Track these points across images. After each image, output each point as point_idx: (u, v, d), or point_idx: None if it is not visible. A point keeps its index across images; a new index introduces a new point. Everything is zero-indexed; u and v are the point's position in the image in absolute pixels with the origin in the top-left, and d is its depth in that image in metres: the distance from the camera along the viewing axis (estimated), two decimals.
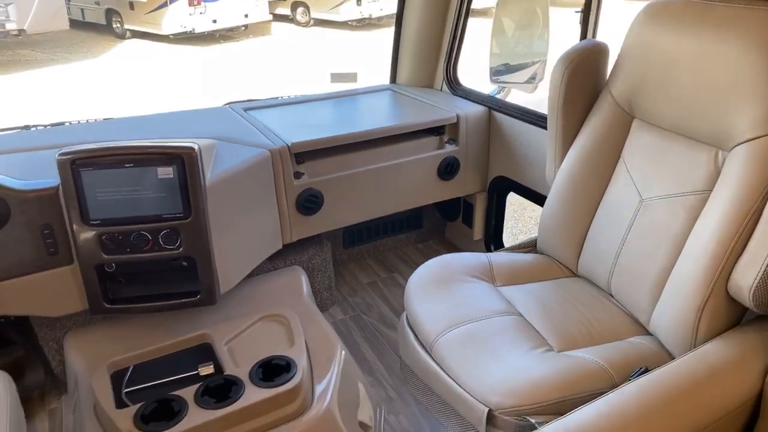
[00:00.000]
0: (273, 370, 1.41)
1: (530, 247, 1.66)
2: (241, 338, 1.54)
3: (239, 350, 1.50)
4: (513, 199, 2.39)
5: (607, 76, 1.49)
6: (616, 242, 1.37)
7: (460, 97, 2.26)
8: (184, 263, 1.55)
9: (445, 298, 1.39)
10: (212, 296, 1.58)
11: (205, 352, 1.50)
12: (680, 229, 1.23)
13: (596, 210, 1.46)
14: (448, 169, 2.09)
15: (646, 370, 1.08)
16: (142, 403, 1.30)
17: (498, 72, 2.20)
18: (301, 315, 1.71)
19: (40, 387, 1.69)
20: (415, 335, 1.37)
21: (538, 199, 2.02)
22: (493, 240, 2.32)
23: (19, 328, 1.69)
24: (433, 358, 1.27)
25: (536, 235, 1.66)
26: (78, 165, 1.40)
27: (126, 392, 1.38)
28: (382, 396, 1.71)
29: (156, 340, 1.51)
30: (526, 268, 1.52)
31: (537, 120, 1.95)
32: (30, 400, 1.69)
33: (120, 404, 1.33)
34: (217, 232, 1.55)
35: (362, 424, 1.52)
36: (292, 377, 1.38)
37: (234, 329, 1.56)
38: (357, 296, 2.20)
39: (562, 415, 0.97)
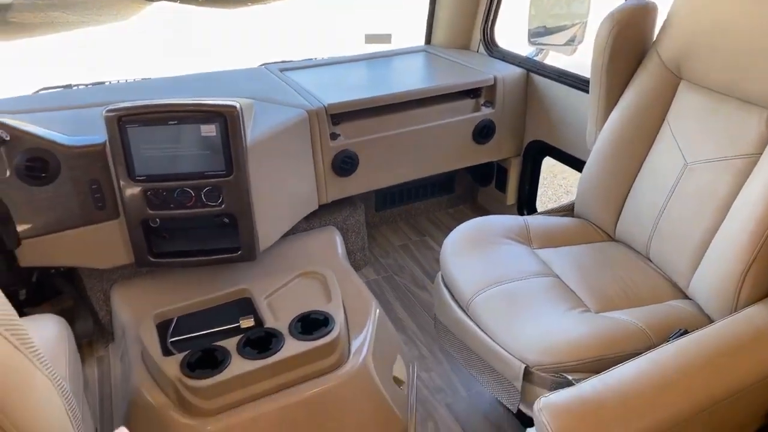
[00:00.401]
0: (311, 324, 1.45)
1: (567, 210, 1.65)
2: (280, 294, 1.59)
3: (278, 305, 1.54)
4: (544, 167, 2.36)
5: (655, 37, 1.44)
6: (657, 206, 1.36)
7: (498, 59, 2.22)
8: (226, 220, 1.59)
9: (482, 259, 1.40)
10: (252, 252, 1.63)
11: (246, 306, 1.55)
12: (725, 193, 1.21)
13: (637, 173, 1.44)
14: (483, 132, 2.08)
15: (685, 332, 1.08)
16: (187, 351, 1.36)
17: (536, 34, 2.15)
18: (337, 273, 1.75)
19: (89, 336, 1.77)
20: (451, 294, 1.39)
21: (576, 163, 1.99)
22: (526, 205, 2.31)
23: (68, 279, 1.76)
24: (469, 317, 1.30)
25: (573, 199, 1.65)
26: (124, 121, 1.43)
27: (171, 342, 1.44)
28: (415, 353, 1.75)
29: (198, 294, 1.57)
30: (563, 232, 1.52)
31: (577, 83, 1.91)
32: (79, 348, 1.77)
33: (166, 352, 1.40)
34: (257, 191, 1.58)
35: (396, 379, 1.56)
36: (330, 331, 1.42)
37: (273, 285, 1.60)
38: (389, 258, 2.23)
39: (600, 373, 0.99)
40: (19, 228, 1.46)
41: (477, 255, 1.42)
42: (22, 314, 1.80)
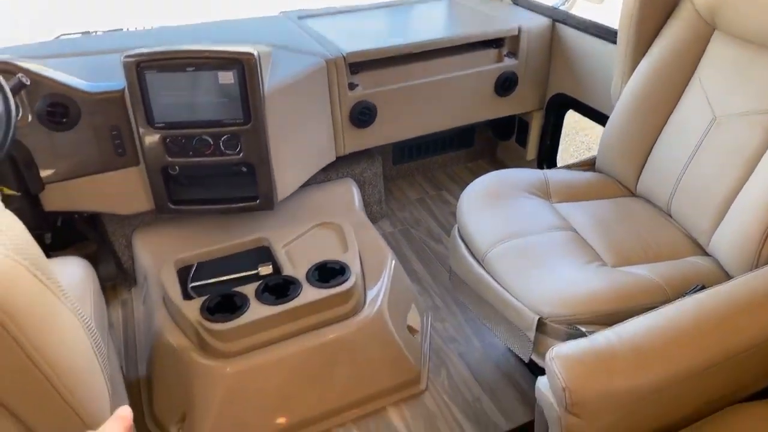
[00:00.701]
0: (328, 272, 1.47)
1: (588, 165, 1.62)
2: (298, 243, 1.61)
3: (296, 254, 1.56)
4: (565, 122, 2.30)
5: None
6: (682, 160, 1.33)
7: (523, 7, 2.15)
8: (244, 169, 1.59)
9: (499, 212, 1.40)
10: (270, 202, 1.64)
11: (264, 254, 1.57)
12: (753, 148, 1.18)
13: (663, 127, 1.40)
14: (505, 84, 2.03)
15: (703, 288, 1.08)
16: (207, 296, 1.40)
17: None
18: (353, 225, 1.75)
19: (112, 279, 1.82)
20: (467, 247, 1.39)
21: (599, 118, 1.94)
22: (546, 161, 2.28)
23: (92, 224, 1.80)
24: (485, 269, 1.30)
25: (595, 153, 1.62)
26: (142, 67, 1.42)
27: (191, 286, 1.48)
28: (429, 304, 1.77)
29: (218, 242, 1.59)
30: (584, 186, 1.50)
31: (604, 34, 1.84)
32: (103, 291, 1.83)
33: (186, 297, 1.43)
34: (274, 140, 1.58)
35: (410, 328, 1.59)
36: (347, 280, 1.44)
37: (291, 234, 1.62)
38: (405, 211, 2.23)
39: (614, 326, 0.99)
40: (43, 173, 1.49)
41: (494, 208, 1.42)
42: (48, 257, 1.86)
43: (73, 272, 1.20)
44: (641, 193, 1.47)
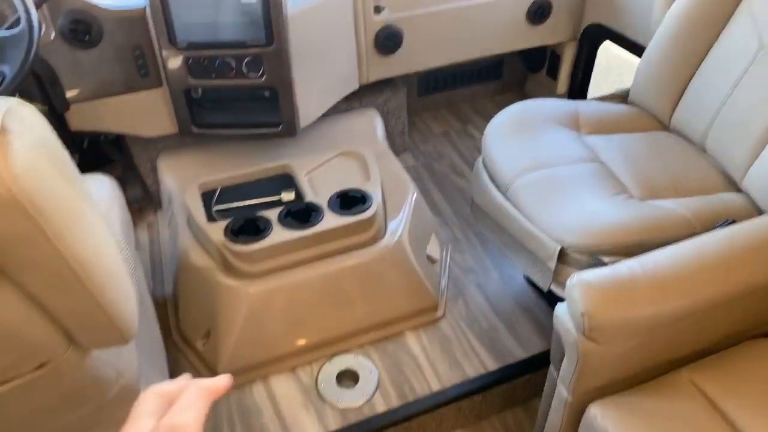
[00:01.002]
0: (350, 201, 1.47)
1: (621, 98, 1.56)
2: (320, 171, 1.60)
3: (318, 181, 1.56)
4: (598, 60, 2.20)
5: None
6: (722, 93, 1.26)
7: None
8: (267, 93, 1.57)
9: (526, 143, 1.37)
10: (293, 128, 1.62)
11: (287, 181, 1.57)
12: None
13: (704, 57, 1.33)
14: (538, 12, 1.93)
15: (733, 222, 1.05)
16: (231, 219, 1.41)
17: None
18: (376, 155, 1.74)
19: (138, 202, 1.86)
20: (491, 177, 1.37)
21: (637, 50, 1.85)
22: (577, 95, 2.20)
23: (117, 147, 1.81)
24: (508, 199, 1.29)
25: (629, 86, 1.55)
26: None
27: (215, 210, 1.50)
28: (449, 236, 1.77)
29: (241, 168, 1.60)
30: (615, 119, 1.45)
31: None
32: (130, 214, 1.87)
33: (210, 219, 1.46)
34: (297, 65, 1.55)
35: (430, 258, 1.60)
36: (368, 208, 1.44)
37: (313, 162, 1.61)
38: (429, 144, 2.20)
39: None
40: (68, 93, 1.49)
41: (521, 138, 1.38)
42: None
43: (99, 189, 1.22)
44: (675, 127, 1.42)
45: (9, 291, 0.56)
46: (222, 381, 0.38)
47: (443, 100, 2.38)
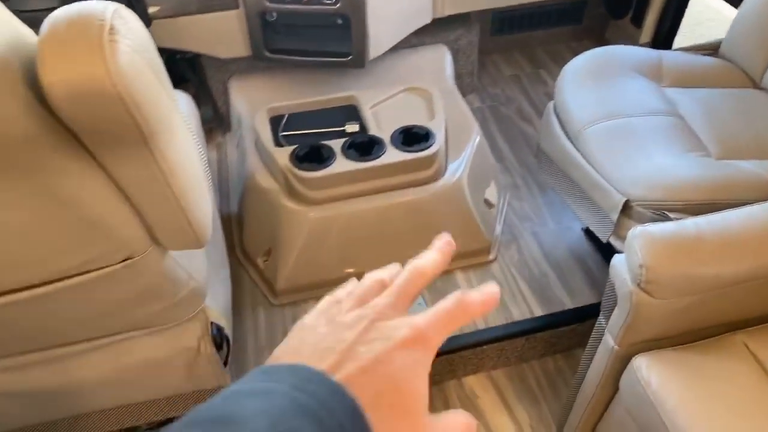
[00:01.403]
0: (413, 137, 1.48)
1: (712, 50, 1.46)
2: (385, 105, 1.60)
3: (383, 115, 1.57)
4: (688, 10, 2.03)
5: None
6: None
7: None
8: (339, 21, 1.56)
9: (602, 90, 1.31)
10: (362, 59, 1.62)
11: (352, 112, 1.59)
12: None
13: None
14: None
15: None
16: (296, 145, 1.45)
17: None
18: (443, 93, 1.72)
19: (208, 122, 1.92)
20: (561, 124, 1.34)
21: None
22: (662, 47, 2.07)
23: (192, 67, 1.86)
24: (576, 147, 1.26)
25: (721, 37, 1.45)
26: None
27: (282, 135, 1.54)
28: (509, 182, 1.76)
29: (309, 96, 1.62)
30: (701, 72, 1.37)
31: None
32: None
33: (278, 144, 1.50)
34: None
35: (487, 201, 1.61)
36: (430, 146, 1.44)
37: (379, 96, 1.61)
38: (497, 87, 2.14)
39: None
40: (150, 9, 1.53)
41: (597, 85, 1.33)
42: None
43: (180, 104, 1.28)
44: (767, 85, 1.33)
45: (105, 185, 0.62)
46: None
47: (517, 42, 2.29)
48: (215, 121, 1.94)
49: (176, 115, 0.63)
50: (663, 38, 2.05)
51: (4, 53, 0.47)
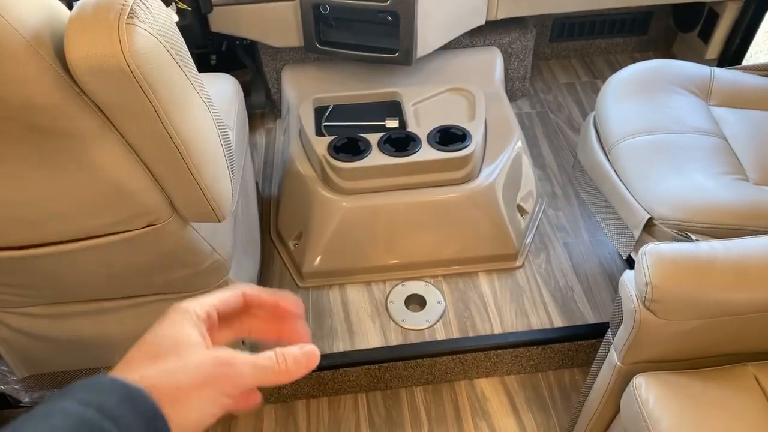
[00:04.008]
0: (450, 137, 1.50)
1: None
2: (427, 103, 1.63)
3: (423, 113, 1.59)
4: (762, 27, 1.91)
5: None
6: None
7: None
8: (389, 18, 1.60)
9: (644, 104, 1.28)
10: (409, 57, 1.65)
11: (394, 108, 1.62)
12: None
13: None
14: None
15: None
16: (336, 136, 1.50)
17: None
18: (488, 97, 1.72)
19: (262, 107, 2.01)
20: (598, 135, 1.32)
21: None
22: (729, 65, 1.97)
23: (250, 54, 1.96)
24: (609, 160, 1.24)
25: None
26: None
27: (324, 125, 1.59)
28: (548, 190, 1.74)
29: (355, 89, 1.67)
30: (755, 93, 1.31)
31: None
32: (253, 118, 2.04)
33: (319, 133, 1.56)
34: None
35: (520, 208, 1.60)
36: (465, 147, 1.46)
37: (422, 93, 1.64)
38: (550, 94, 2.11)
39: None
40: None
41: (640, 99, 1.30)
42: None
43: (223, 87, 1.36)
44: None
45: (126, 154, 0.68)
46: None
47: (576, 49, 2.24)
48: (268, 107, 2.03)
49: (194, 95, 0.69)
50: (733, 55, 1.95)
51: (39, 29, 0.54)
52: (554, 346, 1.39)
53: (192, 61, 0.73)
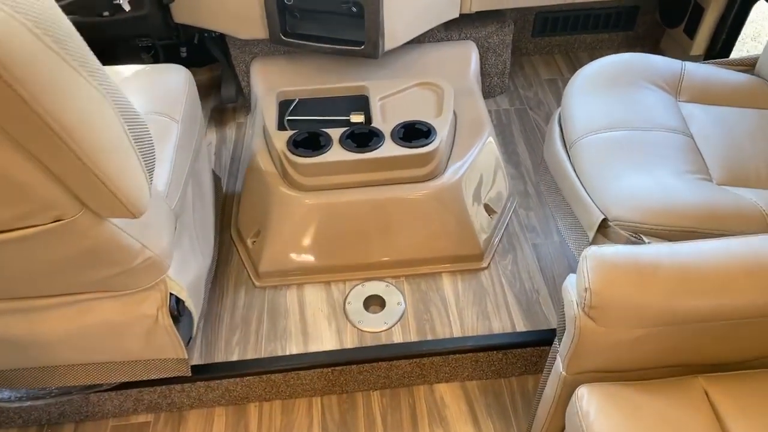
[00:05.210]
0: (414, 132, 1.44)
1: (747, 66, 1.33)
2: (395, 98, 1.57)
3: (390, 108, 1.54)
4: (749, 20, 1.84)
5: None
6: None
7: None
8: (354, 9, 1.55)
9: (610, 99, 1.22)
10: (375, 50, 1.60)
11: (360, 102, 1.57)
12: None
13: None
14: None
15: None
16: (296, 130, 1.45)
17: None
18: (461, 92, 1.66)
19: (233, 101, 1.97)
20: (562, 132, 1.26)
21: None
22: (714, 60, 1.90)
23: (221, 47, 1.91)
24: (569, 156, 1.18)
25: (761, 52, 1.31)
26: None
27: (287, 119, 1.55)
28: (520, 189, 1.68)
29: (321, 83, 1.62)
30: (727, 89, 1.24)
31: None
32: (225, 111, 2.00)
33: (281, 127, 1.51)
34: None
35: (488, 207, 1.54)
36: (430, 143, 1.40)
37: (390, 88, 1.58)
38: (530, 90, 2.05)
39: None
40: None
41: (606, 94, 1.24)
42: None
43: (171, 78, 1.31)
44: None
45: (9, 146, 0.64)
46: None
47: (560, 45, 2.18)
48: (239, 101, 1.98)
49: (81, 83, 0.64)
50: (718, 52, 1.88)
51: None
52: (516, 351, 1.34)
53: (86, 49, 0.68)
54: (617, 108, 1.19)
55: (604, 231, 1.02)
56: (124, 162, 0.76)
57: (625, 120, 1.16)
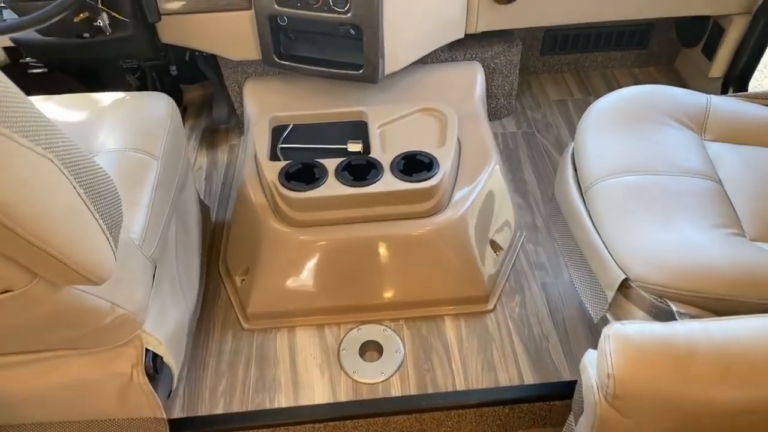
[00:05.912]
0: (415, 164, 1.35)
1: None
2: (395, 125, 1.47)
3: (390, 137, 1.44)
4: None
5: None
6: None
7: None
8: (352, 31, 1.45)
9: (630, 138, 1.12)
10: (374, 74, 1.50)
11: (359, 130, 1.47)
12: None
13: None
14: None
15: None
16: (290, 161, 1.35)
17: None
18: (466, 116, 1.56)
19: (225, 122, 1.87)
20: (576, 171, 1.16)
21: None
22: (735, 83, 1.80)
23: (212, 65, 1.81)
24: (584, 202, 1.08)
25: None
26: None
27: (280, 147, 1.45)
28: (528, 222, 1.58)
29: (321, 106, 1.52)
30: (757, 126, 1.14)
31: None
32: (217, 132, 1.90)
33: (273, 157, 1.41)
34: (389, 3, 1.39)
35: (494, 243, 1.44)
36: (431, 177, 1.30)
37: (390, 114, 1.48)
38: (538, 112, 1.95)
39: (719, 316, 0.76)
40: (161, 4, 1.48)
41: (625, 132, 1.14)
42: (174, 89, 1.93)
43: (152, 108, 1.21)
44: None
45: None
46: None
47: (570, 63, 2.08)
48: (231, 122, 1.89)
49: (17, 150, 0.54)
50: (738, 75, 1.78)
51: None
52: (523, 405, 1.23)
53: (25, 107, 0.58)
54: (637, 148, 1.09)
55: (625, 292, 0.92)
56: (79, 228, 0.66)
57: (647, 163, 1.06)
